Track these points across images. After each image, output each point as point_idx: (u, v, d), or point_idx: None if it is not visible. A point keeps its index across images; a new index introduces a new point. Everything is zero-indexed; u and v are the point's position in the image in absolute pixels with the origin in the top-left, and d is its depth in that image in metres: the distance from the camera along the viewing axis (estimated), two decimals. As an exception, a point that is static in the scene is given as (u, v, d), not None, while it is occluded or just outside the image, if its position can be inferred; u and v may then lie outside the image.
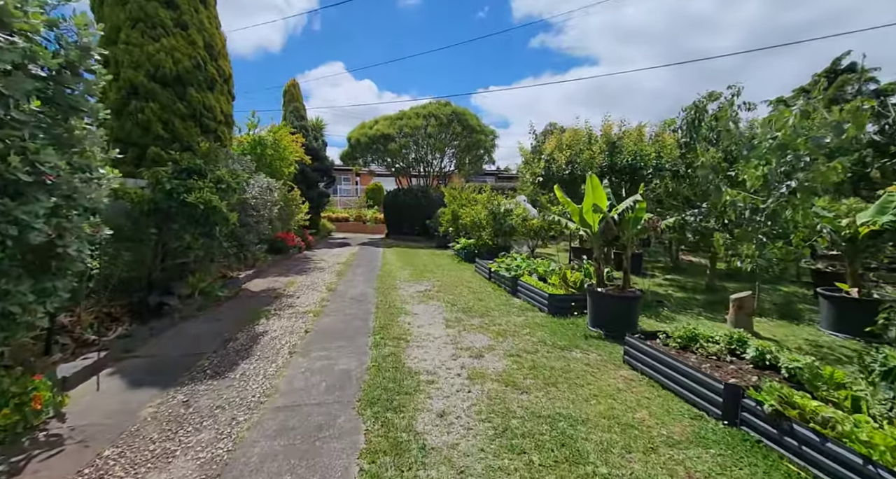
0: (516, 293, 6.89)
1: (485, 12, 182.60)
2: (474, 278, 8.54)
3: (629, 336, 4.00)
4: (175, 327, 4.89)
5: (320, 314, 5.71)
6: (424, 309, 6.06)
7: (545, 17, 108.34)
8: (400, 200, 17.75)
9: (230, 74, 7.68)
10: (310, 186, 16.17)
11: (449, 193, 12.72)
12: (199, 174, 5.10)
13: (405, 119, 16.94)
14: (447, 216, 12.45)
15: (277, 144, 10.26)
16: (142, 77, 6.37)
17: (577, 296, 5.68)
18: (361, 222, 26.26)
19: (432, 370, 3.82)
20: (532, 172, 8.52)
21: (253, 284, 7.62)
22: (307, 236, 13.62)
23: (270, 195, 7.03)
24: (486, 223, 9.76)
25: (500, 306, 6.20)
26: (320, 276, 8.62)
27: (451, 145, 18.28)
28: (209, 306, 5.87)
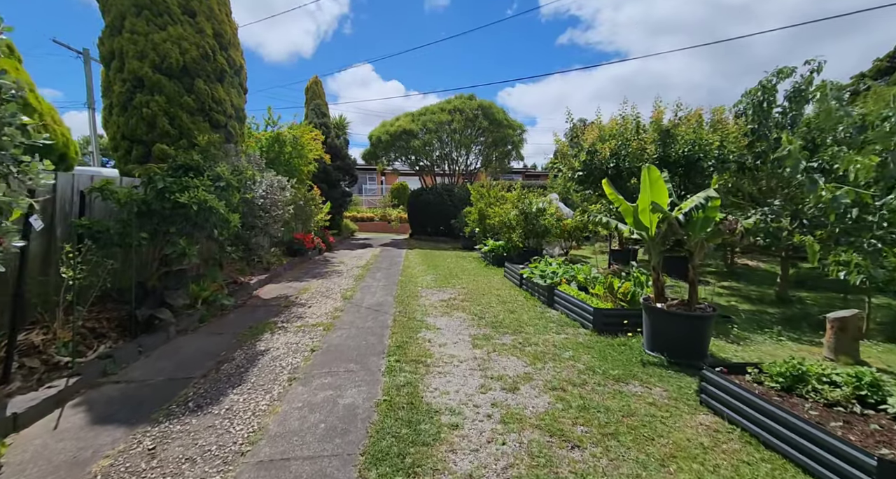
0: (553, 305, 6.05)
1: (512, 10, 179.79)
2: (503, 285, 7.74)
3: (707, 369, 3.13)
4: (168, 344, 4.37)
5: (331, 328, 5.08)
6: (448, 323, 5.33)
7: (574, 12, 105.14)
8: (424, 200, 17.11)
9: (242, 65, 7.20)
10: (331, 185, 15.78)
11: (476, 191, 11.93)
12: (196, 171, 4.57)
13: (428, 114, 16.26)
14: (473, 216, 11.68)
15: (296, 142, 9.79)
16: (147, 68, 5.94)
17: (629, 311, 4.80)
18: (386, 222, 25.88)
19: (456, 409, 3.08)
20: (570, 167, 7.62)
21: (265, 290, 7.12)
22: (328, 237, 13.18)
23: (282, 195, 6.50)
24: (516, 224, 8.94)
25: (535, 321, 5.39)
26: (337, 281, 8.05)
27: (477, 141, 17.48)
28: (212, 317, 5.36)
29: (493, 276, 8.71)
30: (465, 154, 18.21)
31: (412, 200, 18.28)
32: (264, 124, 9.85)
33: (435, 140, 16.76)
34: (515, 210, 8.93)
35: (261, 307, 6.05)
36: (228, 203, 4.73)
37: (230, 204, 4.75)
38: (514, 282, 7.83)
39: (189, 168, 4.57)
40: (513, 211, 9.16)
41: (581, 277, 6.01)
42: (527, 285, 7.06)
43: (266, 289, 7.20)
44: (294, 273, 8.81)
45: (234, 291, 6.37)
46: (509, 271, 8.29)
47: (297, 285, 7.66)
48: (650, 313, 4.14)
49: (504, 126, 16.35)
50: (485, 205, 11.43)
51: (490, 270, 9.45)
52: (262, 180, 6.12)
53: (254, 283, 7.11)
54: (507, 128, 16.44)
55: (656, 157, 6.72)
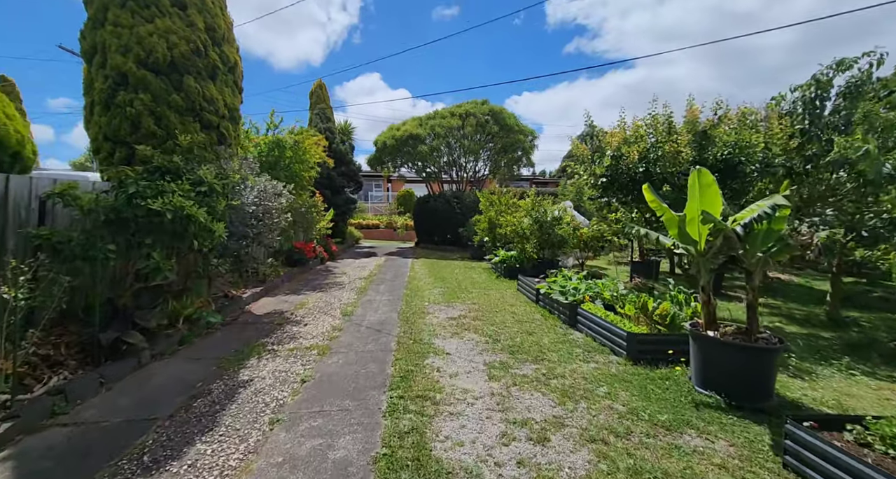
0: (575, 325, 5.41)
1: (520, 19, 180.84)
2: (518, 301, 7.10)
3: (791, 423, 2.47)
4: (137, 373, 3.79)
5: (327, 352, 4.48)
6: (459, 346, 4.70)
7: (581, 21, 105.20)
8: (431, 207, 16.56)
9: (236, 62, 6.71)
10: (335, 191, 15.29)
11: (486, 198, 11.35)
12: (175, 175, 4.03)
13: (437, 119, 15.77)
14: (483, 225, 11.08)
15: (297, 147, 9.30)
16: (131, 63, 5.46)
17: (669, 337, 4.15)
18: (392, 230, 25.41)
19: (473, 469, 2.45)
20: (591, 173, 6.99)
21: (258, 305, 6.54)
22: (330, 246, 12.64)
23: (277, 201, 5.96)
24: (530, 233, 8.33)
25: (558, 345, 4.74)
26: (337, 294, 7.46)
27: (486, 147, 16.95)
28: (196, 338, 4.78)
29: (505, 289, 8.07)
30: (474, 160, 17.67)
31: (418, 207, 17.74)
32: (266, 128, 9.40)
33: (443, 146, 16.26)
34: (529, 219, 8.31)
35: (251, 325, 5.47)
36: (212, 211, 4.18)
37: (214, 212, 4.20)
38: (529, 297, 7.19)
39: (167, 171, 4.03)
40: (526, 220, 8.56)
41: (607, 294, 5.36)
42: (544, 301, 6.42)
43: (260, 303, 6.62)
44: (292, 285, 8.24)
45: (223, 306, 5.80)
46: (523, 285, 7.66)
47: (295, 298, 7.08)
48: (701, 342, 3.48)
49: (515, 132, 15.81)
50: (495, 213, 10.83)
51: (502, 282, 8.82)
52: (254, 186, 5.59)
53: (247, 297, 6.54)
54: (519, 133, 15.89)
55: (690, 160, 6.08)
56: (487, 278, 9.38)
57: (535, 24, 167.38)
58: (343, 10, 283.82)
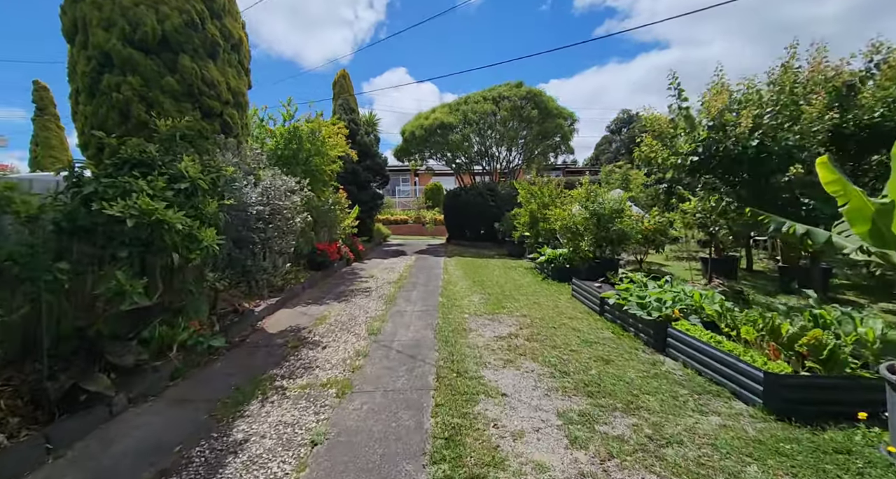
0: (664, 349, 4.18)
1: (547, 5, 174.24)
2: (576, 312, 5.90)
3: None
4: (105, 427, 2.92)
5: (347, 391, 3.49)
6: (516, 382, 3.61)
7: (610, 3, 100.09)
8: (463, 200, 15.42)
9: (241, 39, 5.80)
10: (361, 187, 14.43)
11: (525, 189, 10.12)
12: (149, 168, 3.12)
13: (469, 104, 14.55)
14: (523, 219, 9.86)
15: (315, 137, 8.39)
16: (115, 40, 4.63)
17: (838, 382, 2.88)
18: (420, 225, 24.55)
19: None
20: (674, 152, 5.62)
21: (273, 320, 5.67)
22: (357, 246, 11.78)
23: (288, 200, 5.03)
24: (584, 229, 7.07)
25: (650, 381, 3.55)
26: (363, 304, 6.51)
27: (521, 135, 15.54)
28: (193, 368, 3.92)
29: (557, 296, 6.86)
30: (508, 149, 16.35)
31: (449, 201, 16.65)
32: (282, 119, 8.55)
33: (474, 134, 15.04)
34: (585, 212, 7.04)
35: (261, 349, 4.58)
36: (198, 214, 3.25)
37: (201, 215, 3.28)
38: (590, 307, 5.96)
39: (138, 164, 3.13)
40: (581, 213, 7.29)
41: (710, 308, 4.08)
42: (613, 313, 5.20)
43: (275, 318, 5.75)
44: (314, 293, 7.37)
45: (230, 324, 4.95)
46: (580, 291, 6.43)
47: (315, 310, 6.18)
48: (914, 402, 2.22)
49: (554, 115, 14.36)
50: (538, 206, 9.59)
51: (551, 287, 7.61)
52: (259, 182, 4.68)
53: (260, 310, 5.68)
54: (558, 117, 14.44)
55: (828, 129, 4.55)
56: (533, 281, 8.19)
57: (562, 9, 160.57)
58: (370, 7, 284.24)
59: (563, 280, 7.77)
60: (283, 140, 8.13)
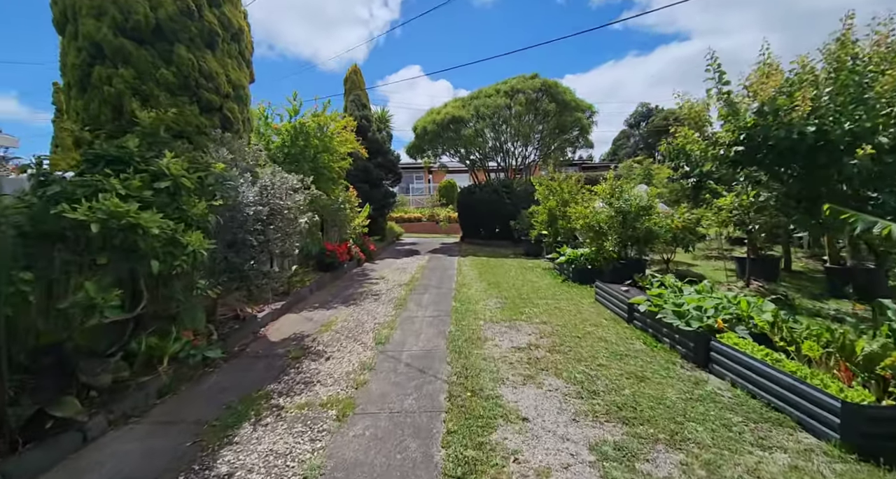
0: (706, 364, 3.69)
1: None
2: (602, 318, 5.42)
3: None
4: (77, 456, 2.61)
5: (349, 412, 3.12)
6: (538, 403, 3.18)
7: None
8: (477, 198, 14.97)
9: (242, 29, 5.48)
10: (373, 184, 14.13)
11: (544, 185, 9.63)
12: (124, 165, 2.80)
13: (481, 98, 14.06)
14: (541, 217, 9.37)
15: (323, 133, 8.06)
16: (105, 29, 4.35)
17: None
18: (434, 222, 24.25)
19: None
20: (713, 142, 5.06)
21: (276, 326, 5.36)
22: (368, 245, 11.47)
23: (289, 199, 4.68)
24: (609, 227, 6.55)
25: (695, 405, 3.08)
26: (372, 308, 6.15)
27: (536, 129, 14.95)
28: (184, 382, 3.62)
29: (579, 300, 6.38)
30: (524, 144, 15.79)
31: (463, 198, 16.22)
32: (288, 115, 8.25)
33: (488, 129, 14.53)
34: (610, 209, 6.51)
35: (261, 360, 4.26)
36: (182, 215, 2.92)
37: (186, 217, 2.95)
38: (616, 313, 5.48)
39: (113, 160, 2.82)
40: (605, 211, 6.77)
41: (760, 319, 3.57)
42: (644, 321, 4.71)
43: (278, 324, 5.44)
44: (322, 296, 7.05)
45: (230, 332, 4.65)
46: (604, 295, 5.94)
47: (322, 315, 5.85)
48: None
49: (572, 108, 13.75)
50: (556, 203, 9.09)
51: (572, 289, 7.12)
52: (257, 180, 4.34)
53: (263, 316, 5.38)
54: (576, 110, 13.82)
55: None
56: (552, 283, 7.71)
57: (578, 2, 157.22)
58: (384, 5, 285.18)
59: (584, 282, 7.27)
60: (289, 137, 7.83)
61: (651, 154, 41.52)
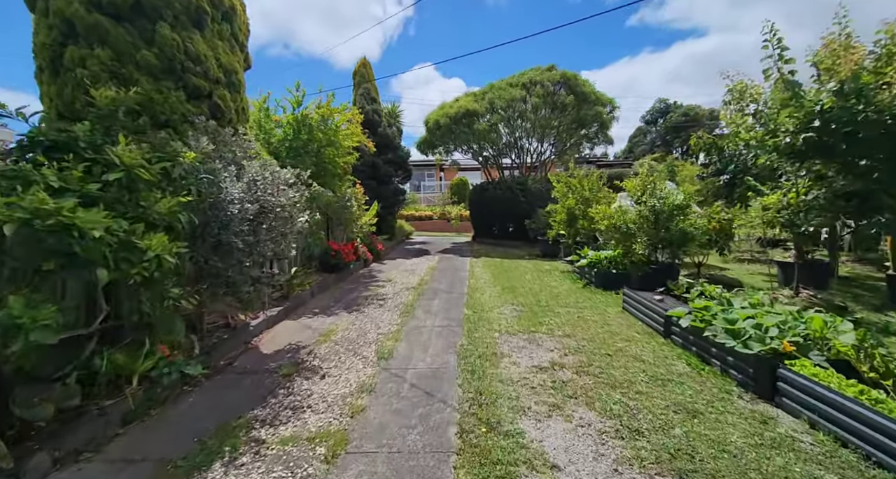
0: (772, 397, 3.06)
1: None
2: (631, 330, 4.80)
3: None
4: (2, 507, 2.14)
5: (340, 451, 2.59)
6: (568, 444, 2.62)
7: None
8: (490, 196, 14.36)
9: (234, 7, 4.99)
10: (381, 181, 13.65)
11: (563, 181, 8.99)
12: (68, 152, 2.31)
13: (495, 91, 13.42)
14: (560, 216, 8.74)
15: (327, 126, 7.56)
16: (78, 4, 3.89)
17: None
18: (445, 221, 23.77)
19: None
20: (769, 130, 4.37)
21: (271, 335, 4.88)
22: (376, 245, 10.98)
23: (282, 196, 4.16)
24: (637, 228, 5.90)
25: (768, 455, 2.47)
26: (376, 316, 5.64)
27: (551, 126, 14.20)
28: (155, 407, 3.14)
29: (604, 309, 5.76)
30: (539, 140, 15.11)
31: (475, 196, 15.62)
32: (291, 107, 7.77)
33: (502, 123, 13.90)
34: (640, 207, 5.84)
35: (248, 377, 3.77)
36: (145, 214, 2.43)
37: (148, 216, 2.45)
38: (649, 325, 4.85)
39: (53, 146, 2.33)
40: (632, 209, 6.12)
41: (839, 342, 2.93)
42: (685, 339, 4.08)
43: (273, 333, 4.96)
44: (323, 300, 6.56)
45: (217, 343, 4.18)
46: (634, 303, 5.32)
47: (321, 322, 5.36)
48: None
49: (591, 101, 13.02)
50: (576, 201, 8.45)
51: (595, 296, 6.49)
52: (244, 173, 3.83)
53: (257, 323, 4.90)
54: (596, 104, 13.09)
55: None
56: (573, 289, 7.10)
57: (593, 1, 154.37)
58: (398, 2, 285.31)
59: (608, 288, 6.64)
60: (290, 130, 7.35)
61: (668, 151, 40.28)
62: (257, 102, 7.46)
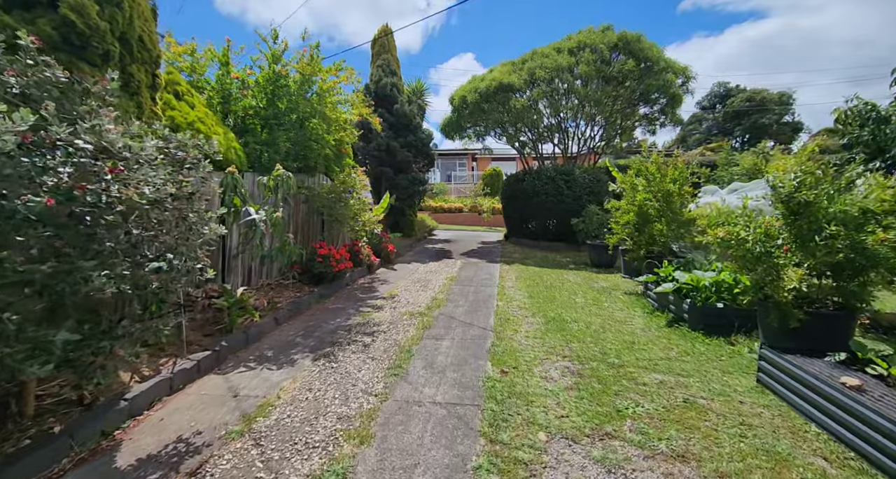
0: None
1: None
2: (805, 443, 2.53)
3: None
4: None
5: None
6: None
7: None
8: (527, 188, 12.05)
9: None
10: (399, 169, 11.65)
11: (634, 168, 6.61)
12: None
13: (537, 58, 10.97)
14: (627, 218, 6.40)
15: (309, 88, 5.57)
16: None
17: None
18: (477, 214, 21.76)
19: None
20: None
21: (161, 414, 2.97)
22: (386, 245, 9.02)
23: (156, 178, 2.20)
24: (798, 246, 3.46)
25: None
26: (351, 370, 3.63)
27: (605, 103, 11.48)
28: None
29: (723, 377, 3.47)
30: (588, 122, 12.54)
31: (509, 188, 13.34)
32: (268, 63, 5.79)
33: (544, 100, 11.45)
34: (786, 208, 3.40)
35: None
36: None
37: None
38: (833, 431, 2.56)
39: None
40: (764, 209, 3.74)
41: None
42: None
43: (167, 409, 3.05)
44: (289, 331, 4.64)
45: (30, 444, 2.31)
46: (786, 381, 3.02)
47: (262, 382, 3.41)
48: None
49: (659, 70, 10.33)
50: (654, 197, 6.08)
51: (694, 345, 4.20)
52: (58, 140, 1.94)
53: (147, 390, 3.02)
54: (666, 71, 10.38)
55: None
56: (650, 326, 4.82)
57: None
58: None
59: (712, 331, 4.33)
60: (262, 94, 5.43)
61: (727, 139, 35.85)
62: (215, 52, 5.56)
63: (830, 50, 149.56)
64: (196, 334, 4.02)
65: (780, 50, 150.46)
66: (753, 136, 37.41)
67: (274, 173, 4.53)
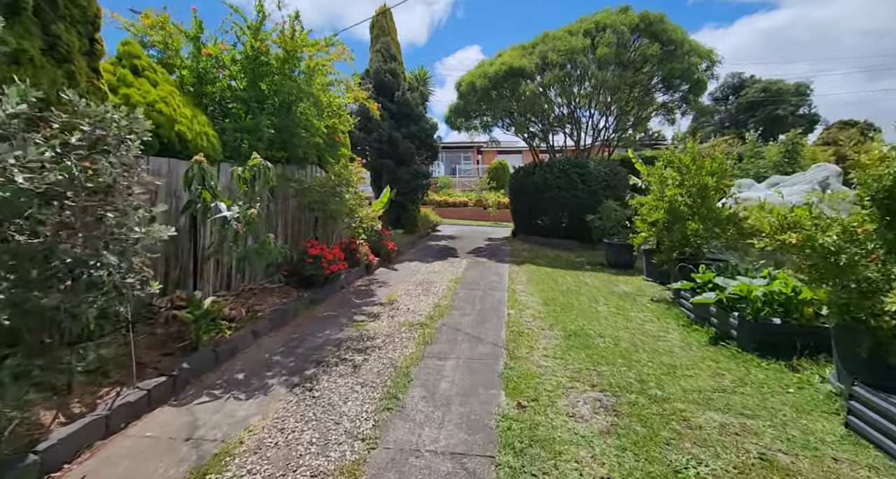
0: None
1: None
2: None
3: None
4: None
5: None
6: None
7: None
8: (537, 181, 11.30)
9: None
10: (400, 161, 10.95)
11: (662, 161, 5.88)
12: None
13: (549, 41, 10.15)
14: (656, 215, 5.67)
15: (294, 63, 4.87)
16: None
17: None
18: (482, 209, 21.08)
19: None
20: None
21: (86, 469, 2.35)
22: (386, 243, 8.36)
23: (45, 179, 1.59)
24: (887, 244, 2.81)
25: None
26: (335, 401, 2.97)
27: (622, 90, 10.62)
28: None
29: (797, 418, 2.79)
30: (603, 111, 11.71)
31: (517, 181, 12.59)
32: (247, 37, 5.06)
33: (555, 88, 10.64)
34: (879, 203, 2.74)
35: None
36: None
37: None
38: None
39: None
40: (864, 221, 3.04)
41: None
42: None
43: (101, 457, 2.41)
44: (269, 346, 4.00)
45: None
46: (890, 431, 2.32)
47: (223, 418, 2.77)
48: None
49: (682, 53, 9.48)
50: (688, 190, 5.36)
51: (748, 371, 3.51)
52: None
53: (73, 433, 2.38)
54: (690, 54, 9.54)
55: None
56: (691, 344, 4.13)
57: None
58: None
59: (767, 352, 3.63)
60: (241, 73, 4.75)
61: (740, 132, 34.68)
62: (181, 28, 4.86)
63: (843, 40, 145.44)
64: (153, 353, 3.39)
65: (791, 40, 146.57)
66: (768, 128, 36.24)
67: (250, 163, 3.87)
